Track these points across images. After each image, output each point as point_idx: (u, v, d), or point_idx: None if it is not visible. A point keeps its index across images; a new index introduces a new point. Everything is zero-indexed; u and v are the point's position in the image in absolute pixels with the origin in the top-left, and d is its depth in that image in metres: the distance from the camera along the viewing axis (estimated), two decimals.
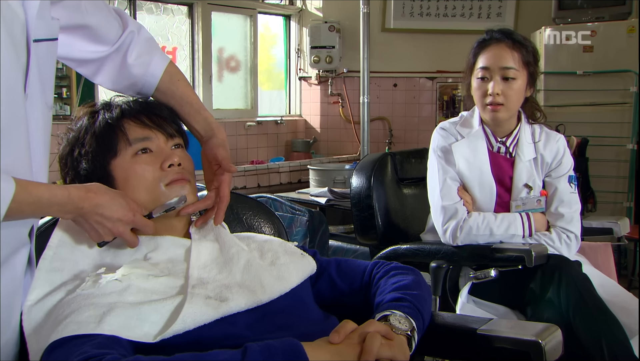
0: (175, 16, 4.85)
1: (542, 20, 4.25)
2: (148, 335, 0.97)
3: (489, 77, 1.89)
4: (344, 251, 3.14)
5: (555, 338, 1.12)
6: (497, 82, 1.87)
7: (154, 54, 1.26)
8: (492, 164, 1.94)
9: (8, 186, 0.87)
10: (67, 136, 1.21)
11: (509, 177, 1.95)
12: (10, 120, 0.90)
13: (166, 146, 1.19)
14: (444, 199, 1.92)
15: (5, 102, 0.88)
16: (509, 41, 1.89)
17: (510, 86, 1.87)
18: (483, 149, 1.95)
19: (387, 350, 0.95)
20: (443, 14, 4.93)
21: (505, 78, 1.87)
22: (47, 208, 0.97)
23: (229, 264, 1.14)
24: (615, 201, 3.91)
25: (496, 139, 1.97)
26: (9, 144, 0.90)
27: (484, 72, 1.89)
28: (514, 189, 1.94)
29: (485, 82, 1.89)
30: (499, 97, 1.87)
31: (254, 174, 4.35)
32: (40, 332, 0.97)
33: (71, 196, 0.99)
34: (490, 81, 1.88)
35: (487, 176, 1.93)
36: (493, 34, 1.93)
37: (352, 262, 1.31)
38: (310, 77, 5.49)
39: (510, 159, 1.96)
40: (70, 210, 1.01)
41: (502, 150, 1.97)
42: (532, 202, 1.92)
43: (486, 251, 1.83)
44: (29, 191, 0.91)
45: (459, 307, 1.85)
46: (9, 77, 0.89)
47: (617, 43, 3.85)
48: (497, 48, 1.89)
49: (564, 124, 3.81)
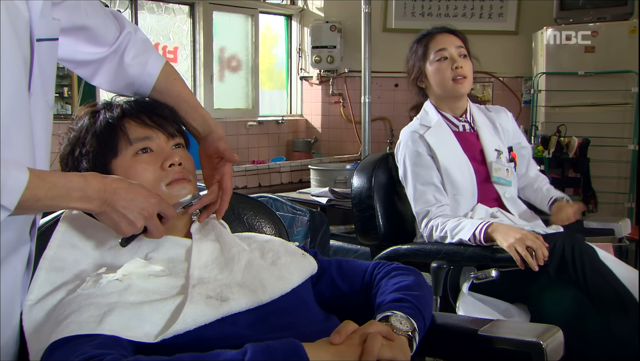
0: (177, 16, 4.85)
1: (543, 21, 4.24)
2: (149, 335, 0.97)
3: (447, 56, 2.05)
4: (344, 251, 3.14)
5: (557, 339, 1.12)
6: (457, 58, 2.05)
7: (150, 54, 1.27)
8: (462, 144, 2.07)
9: (21, 173, 0.86)
10: (68, 135, 1.21)
11: (479, 151, 2.08)
12: (15, 117, 0.90)
13: (167, 145, 1.19)
14: (417, 204, 2.02)
15: (10, 99, 0.89)
16: (447, 32, 2.09)
17: (467, 62, 2.07)
18: (449, 134, 2.08)
19: (388, 350, 0.95)
20: (444, 14, 4.92)
21: (461, 55, 2.06)
22: (65, 195, 0.93)
23: (229, 264, 1.14)
24: (616, 201, 3.91)
25: (457, 119, 2.12)
26: (13, 141, 0.90)
27: (442, 52, 2.06)
28: (487, 156, 2.06)
29: (444, 61, 2.05)
30: (462, 69, 2.04)
31: (254, 173, 4.35)
32: (41, 332, 0.97)
33: (88, 181, 0.96)
34: (448, 60, 2.05)
35: (460, 157, 2.04)
36: (431, 30, 2.13)
37: (353, 262, 1.30)
38: (311, 77, 5.49)
39: (474, 132, 2.11)
40: (93, 196, 0.97)
41: (467, 127, 2.11)
42: (503, 170, 2.05)
43: (487, 252, 1.83)
44: (43, 178, 0.89)
45: (459, 304, 1.85)
46: (13, 75, 0.90)
47: (619, 43, 3.85)
48: (443, 36, 2.09)
49: (565, 124, 3.81)
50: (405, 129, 2.13)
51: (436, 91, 2.10)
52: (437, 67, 2.06)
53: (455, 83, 2.04)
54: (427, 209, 1.98)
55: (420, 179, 2.02)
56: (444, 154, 2.02)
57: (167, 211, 1.08)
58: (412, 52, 2.14)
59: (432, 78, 2.09)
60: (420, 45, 2.11)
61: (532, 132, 4.12)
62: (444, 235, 1.92)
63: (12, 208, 0.85)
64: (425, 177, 2.01)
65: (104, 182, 0.98)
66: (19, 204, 0.86)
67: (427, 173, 2.01)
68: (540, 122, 4.21)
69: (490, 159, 2.06)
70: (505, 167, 2.06)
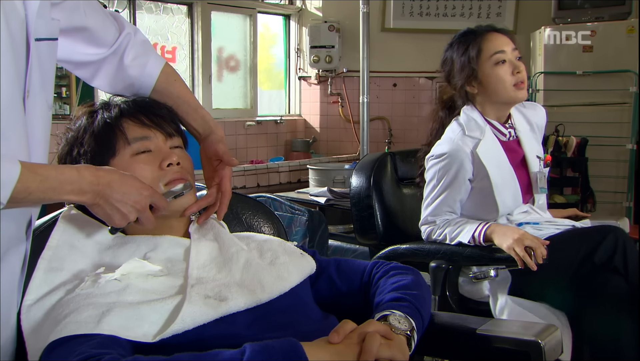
0: (175, 16, 4.85)
1: (541, 20, 4.25)
2: (147, 334, 0.97)
3: (506, 59, 1.89)
4: (343, 250, 3.14)
5: (555, 338, 1.12)
6: (516, 62, 1.89)
7: (150, 56, 1.27)
8: (508, 155, 1.95)
9: (13, 166, 0.85)
10: (66, 135, 1.21)
11: (521, 159, 1.98)
12: (8, 117, 0.90)
13: (165, 145, 1.19)
14: (428, 211, 1.95)
15: (3, 99, 0.88)
16: (498, 32, 1.93)
17: (523, 65, 1.92)
18: (499, 147, 1.94)
19: (387, 350, 0.95)
20: (443, 13, 4.93)
21: (517, 58, 1.91)
22: (58, 188, 0.92)
23: (228, 263, 1.14)
24: (614, 201, 3.91)
25: (504, 126, 1.98)
26: (6, 141, 0.89)
27: (500, 55, 1.89)
28: (530, 166, 1.97)
29: (503, 65, 1.89)
30: (522, 74, 1.89)
31: (253, 173, 4.35)
32: (39, 332, 0.97)
33: (81, 173, 0.95)
34: (507, 63, 1.89)
35: (508, 172, 1.93)
36: (478, 28, 1.96)
37: (352, 262, 1.30)
38: (309, 77, 5.49)
39: (516, 138, 2.00)
40: (86, 189, 0.96)
41: (513, 134, 1.99)
42: (544, 179, 1.96)
43: (486, 251, 1.83)
44: (34, 170, 0.89)
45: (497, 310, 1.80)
46: (7, 75, 0.89)
47: (617, 43, 3.85)
48: (496, 36, 1.92)
49: (563, 124, 3.82)
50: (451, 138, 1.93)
51: (491, 97, 1.94)
52: (497, 71, 1.89)
53: (517, 89, 1.89)
54: (434, 219, 1.95)
55: (450, 192, 1.91)
56: (496, 173, 1.90)
57: (159, 203, 1.08)
58: (457, 53, 1.95)
59: (489, 83, 1.91)
60: (471, 46, 1.92)
61: None
62: (442, 238, 1.92)
63: (4, 200, 0.85)
64: (453, 194, 1.91)
65: (97, 174, 0.98)
66: (11, 197, 0.85)
67: (457, 190, 1.91)
68: None
69: (534, 170, 1.97)
70: (544, 175, 1.98)
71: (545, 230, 1.89)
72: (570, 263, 1.78)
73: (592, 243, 1.77)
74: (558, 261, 1.77)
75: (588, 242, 1.78)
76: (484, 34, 1.92)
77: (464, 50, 1.93)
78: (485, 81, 1.91)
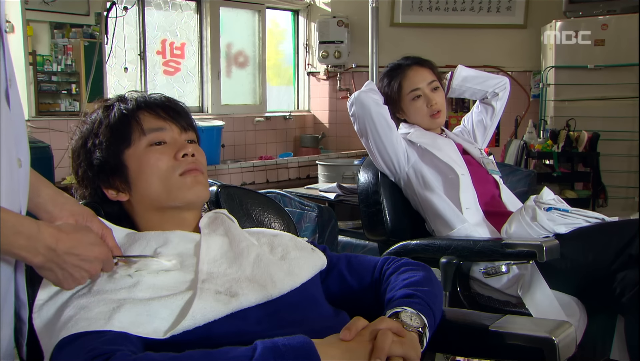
0: (184, 12, 4.85)
1: (552, 14, 4.22)
2: (158, 331, 0.97)
3: (421, 94, 2.17)
4: (353, 246, 3.13)
5: (569, 335, 1.10)
6: (430, 95, 2.17)
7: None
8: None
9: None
10: (80, 128, 1.21)
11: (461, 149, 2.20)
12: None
13: (180, 138, 1.19)
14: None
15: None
16: (417, 65, 2.19)
17: (439, 94, 2.20)
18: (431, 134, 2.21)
19: (399, 347, 0.94)
20: (452, 8, 4.90)
21: (433, 90, 2.18)
22: (12, 236, 0.85)
23: (238, 258, 1.13)
24: (626, 196, 3.89)
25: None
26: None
27: (415, 92, 2.17)
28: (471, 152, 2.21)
29: (419, 99, 2.17)
30: (436, 105, 2.17)
31: (262, 169, 4.35)
32: (52, 329, 0.97)
33: (41, 231, 0.89)
34: (422, 98, 2.17)
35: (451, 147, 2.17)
36: (401, 62, 2.22)
37: (363, 258, 1.30)
38: (318, 73, 5.48)
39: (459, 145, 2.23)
40: (40, 250, 0.89)
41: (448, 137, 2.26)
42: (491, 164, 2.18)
43: (497, 247, 1.82)
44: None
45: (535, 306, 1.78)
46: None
47: (629, 36, 3.81)
48: (414, 71, 2.19)
49: (574, 118, 3.79)
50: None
51: (414, 124, 2.23)
52: (414, 105, 2.18)
53: (433, 118, 2.18)
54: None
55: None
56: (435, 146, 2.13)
57: (107, 268, 1.03)
58: (384, 86, 2.22)
59: (409, 113, 2.20)
60: (393, 81, 2.20)
61: (541, 126, 4.10)
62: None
63: None
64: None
65: (58, 236, 0.91)
66: None
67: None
68: (549, 116, 4.18)
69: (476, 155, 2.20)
70: (490, 160, 2.21)
71: (573, 220, 1.89)
72: (605, 257, 1.77)
73: (625, 235, 1.77)
74: (593, 256, 1.77)
75: (621, 235, 1.78)
76: (404, 71, 2.19)
77: (388, 84, 2.22)
78: (407, 111, 2.21)
